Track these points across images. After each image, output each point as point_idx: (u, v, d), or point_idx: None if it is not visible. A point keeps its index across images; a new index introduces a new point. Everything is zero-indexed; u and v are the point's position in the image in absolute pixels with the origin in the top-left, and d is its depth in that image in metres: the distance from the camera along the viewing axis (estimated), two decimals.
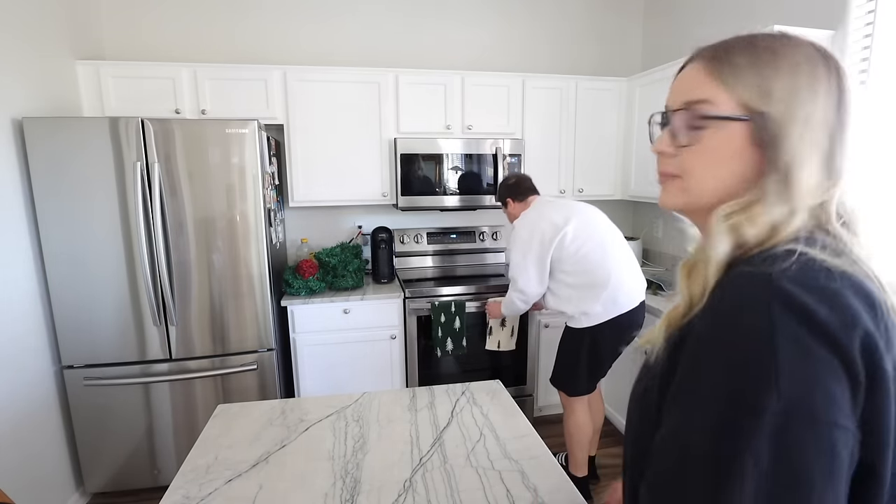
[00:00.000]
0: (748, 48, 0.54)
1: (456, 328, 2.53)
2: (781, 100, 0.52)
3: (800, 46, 0.53)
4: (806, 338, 0.42)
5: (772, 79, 0.52)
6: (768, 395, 0.41)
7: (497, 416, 1.25)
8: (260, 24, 2.75)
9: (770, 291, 0.44)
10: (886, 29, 1.82)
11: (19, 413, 1.87)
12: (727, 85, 0.54)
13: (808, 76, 0.52)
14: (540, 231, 2.00)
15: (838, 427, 0.41)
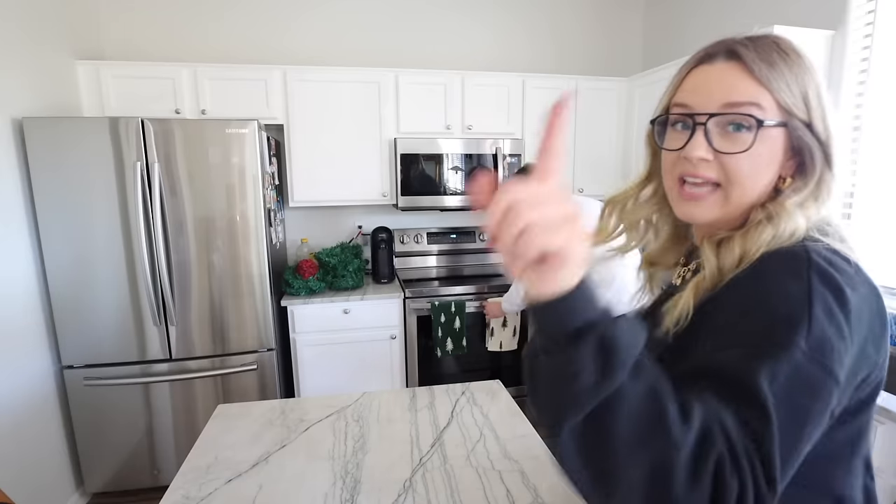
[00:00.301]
0: (775, 48, 0.55)
1: (456, 328, 2.53)
2: (817, 107, 0.55)
3: (796, 48, 0.57)
4: (835, 307, 0.49)
5: (808, 84, 0.55)
6: (800, 335, 0.47)
7: (497, 416, 1.25)
8: (260, 24, 2.75)
9: (809, 265, 0.51)
10: (886, 29, 1.82)
11: (19, 413, 1.87)
12: (771, 87, 0.54)
13: (822, 82, 0.56)
14: None
15: (835, 380, 0.48)
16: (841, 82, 1.94)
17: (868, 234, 1.94)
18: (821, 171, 0.56)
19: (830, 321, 0.49)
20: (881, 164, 1.88)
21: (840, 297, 0.50)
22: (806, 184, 0.56)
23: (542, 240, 0.38)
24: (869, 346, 0.52)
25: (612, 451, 0.41)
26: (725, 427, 0.43)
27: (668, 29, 2.98)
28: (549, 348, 0.42)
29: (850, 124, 1.95)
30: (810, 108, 0.55)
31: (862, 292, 0.52)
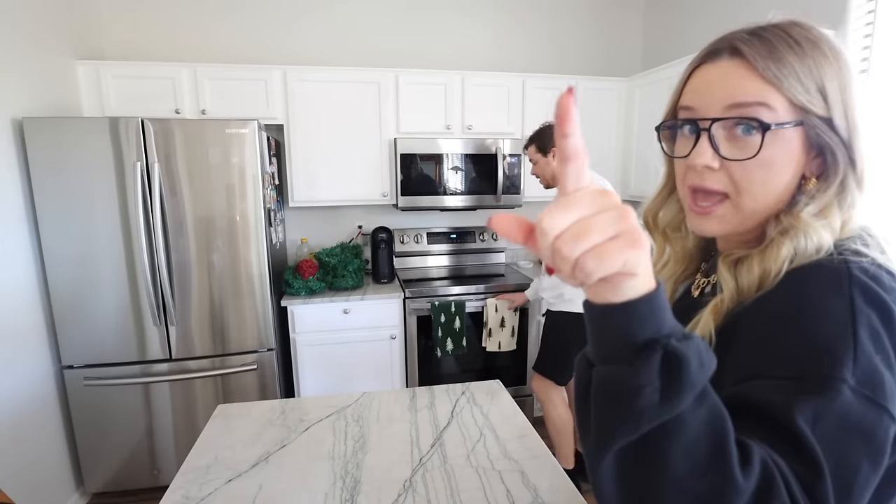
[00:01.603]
0: (784, 39, 0.51)
1: (456, 328, 2.53)
2: (838, 100, 0.50)
3: (826, 36, 0.51)
4: (882, 331, 0.44)
5: (826, 75, 0.50)
6: (845, 367, 0.42)
7: (497, 416, 1.25)
8: (260, 24, 2.75)
9: (850, 281, 0.46)
10: (886, 29, 1.82)
11: (19, 413, 1.87)
12: (780, 85, 0.49)
13: (849, 68, 0.50)
14: None
15: (891, 417, 0.42)
16: None
17: None
18: (844, 173, 0.51)
19: (878, 347, 0.43)
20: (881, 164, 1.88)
21: (888, 319, 0.44)
22: (827, 188, 0.51)
23: (599, 269, 0.33)
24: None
25: (660, 484, 0.36)
26: (785, 477, 0.39)
27: (668, 29, 2.98)
28: (610, 358, 0.37)
29: None
30: (829, 102, 0.49)
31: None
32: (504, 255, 3.17)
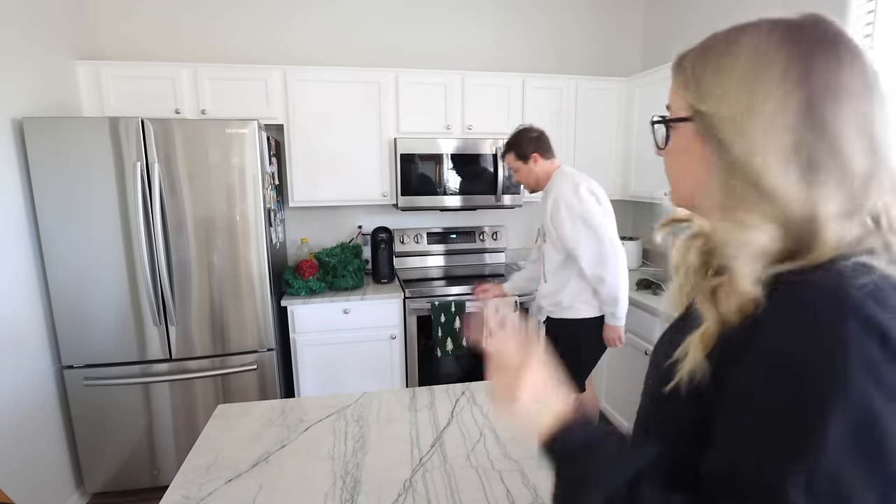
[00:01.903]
0: (701, 48, 0.53)
1: (456, 328, 2.53)
2: (712, 95, 0.49)
3: (754, 32, 0.49)
4: (880, 361, 0.39)
5: (710, 78, 0.50)
6: (833, 417, 0.39)
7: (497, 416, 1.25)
8: (260, 24, 2.75)
9: (847, 309, 0.40)
10: (886, 29, 1.82)
11: (19, 413, 1.87)
12: (679, 89, 0.54)
13: (767, 64, 0.47)
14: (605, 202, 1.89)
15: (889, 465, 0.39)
16: None
17: None
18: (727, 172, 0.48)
19: (876, 383, 0.38)
20: None
21: (887, 345, 0.39)
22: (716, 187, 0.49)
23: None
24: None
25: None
26: None
27: (668, 29, 2.98)
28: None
29: None
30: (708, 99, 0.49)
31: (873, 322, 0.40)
32: (504, 255, 3.17)
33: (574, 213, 1.81)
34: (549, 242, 1.96)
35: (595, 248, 1.81)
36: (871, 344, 0.39)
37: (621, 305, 1.85)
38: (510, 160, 2.01)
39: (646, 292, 2.45)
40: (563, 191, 1.84)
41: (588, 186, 1.87)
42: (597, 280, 1.83)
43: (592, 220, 1.80)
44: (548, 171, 1.95)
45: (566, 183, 1.86)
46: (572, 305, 1.93)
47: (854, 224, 0.45)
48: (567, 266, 1.92)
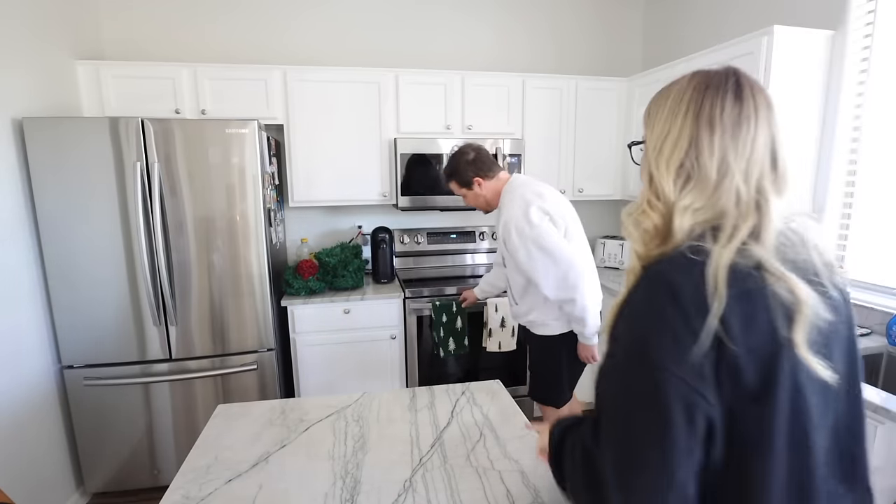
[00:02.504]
0: (657, 92, 0.71)
1: (458, 328, 2.53)
2: (652, 123, 0.69)
3: (681, 81, 0.68)
4: (660, 298, 0.59)
5: (655, 106, 0.70)
6: (621, 338, 0.63)
7: (497, 416, 1.25)
8: (260, 24, 2.76)
9: (657, 281, 0.61)
10: (886, 29, 1.82)
11: (19, 413, 1.87)
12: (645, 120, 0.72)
13: (674, 100, 0.67)
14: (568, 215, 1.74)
15: (675, 379, 0.55)
16: (841, 82, 1.95)
17: (868, 235, 1.94)
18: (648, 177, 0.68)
19: (658, 314, 0.58)
20: (881, 164, 1.88)
21: (668, 288, 0.58)
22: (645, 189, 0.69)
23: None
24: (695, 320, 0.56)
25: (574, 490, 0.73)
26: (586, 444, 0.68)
27: (668, 29, 2.98)
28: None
29: (850, 124, 1.96)
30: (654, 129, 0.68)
31: (695, 273, 0.57)
32: None
33: (526, 239, 1.65)
34: (510, 266, 1.82)
35: (554, 274, 1.65)
36: (666, 299, 0.58)
37: (589, 325, 1.71)
38: (454, 188, 1.89)
39: None
40: (514, 213, 1.69)
41: (540, 206, 1.69)
42: (561, 302, 1.71)
43: (547, 244, 1.64)
44: (495, 189, 1.83)
45: (515, 204, 1.70)
46: (546, 323, 1.82)
47: (701, 214, 0.63)
48: (532, 288, 1.78)
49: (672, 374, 0.55)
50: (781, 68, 1.91)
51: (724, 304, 0.55)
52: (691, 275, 0.57)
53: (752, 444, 0.57)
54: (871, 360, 1.74)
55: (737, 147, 0.63)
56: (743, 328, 0.56)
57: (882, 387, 1.70)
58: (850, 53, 1.91)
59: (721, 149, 0.63)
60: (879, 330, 1.80)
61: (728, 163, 0.63)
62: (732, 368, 0.55)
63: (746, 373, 0.56)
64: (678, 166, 0.64)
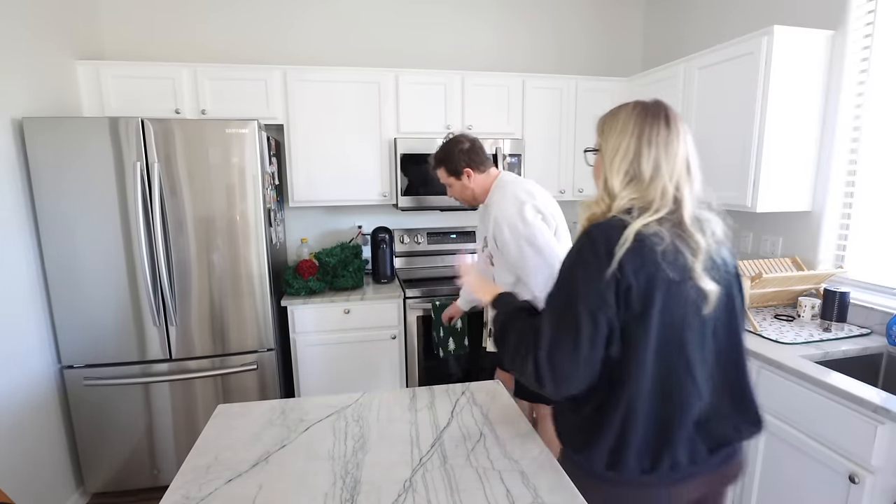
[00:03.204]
0: (608, 113, 0.99)
1: (458, 328, 2.53)
2: (606, 139, 0.97)
3: (627, 108, 0.96)
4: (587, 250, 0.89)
5: (608, 127, 0.97)
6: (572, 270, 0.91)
7: (497, 416, 1.25)
8: (260, 23, 2.76)
9: (583, 235, 0.91)
10: (886, 29, 1.82)
11: (19, 413, 1.87)
12: (597, 133, 1.01)
13: (622, 125, 0.94)
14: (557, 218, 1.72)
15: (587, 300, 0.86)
16: (841, 82, 1.95)
17: (868, 235, 1.94)
18: (602, 176, 0.97)
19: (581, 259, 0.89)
20: (882, 164, 1.88)
21: (590, 239, 0.89)
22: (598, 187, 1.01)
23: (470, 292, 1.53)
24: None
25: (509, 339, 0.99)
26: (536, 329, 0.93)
27: (669, 29, 2.98)
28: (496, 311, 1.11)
29: (850, 124, 1.96)
30: (608, 141, 0.96)
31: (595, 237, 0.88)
32: None
33: (519, 236, 1.63)
34: (499, 265, 1.78)
35: (545, 273, 1.62)
36: (586, 249, 0.88)
37: None
38: (441, 176, 1.83)
39: None
40: (507, 210, 1.66)
41: (534, 205, 1.67)
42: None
43: (539, 242, 1.62)
44: (484, 184, 1.79)
45: (508, 201, 1.67)
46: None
47: (635, 203, 0.91)
48: (520, 287, 1.74)
49: (583, 294, 0.86)
50: (781, 68, 1.91)
51: (622, 254, 0.84)
52: (607, 233, 0.87)
53: (635, 344, 0.87)
54: (871, 360, 1.74)
55: (666, 159, 0.91)
56: (633, 270, 0.85)
57: (882, 387, 1.70)
58: (850, 53, 1.91)
59: (655, 159, 0.91)
60: (879, 330, 1.80)
61: (659, 169, 0.91)
62: (625, 295, 0.86)
63: (633, 299, 0.86)
64: (625, 172, 0.93)
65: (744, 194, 2.04)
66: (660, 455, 0.90)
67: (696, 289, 0.87)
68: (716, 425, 0.94)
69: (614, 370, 0.89)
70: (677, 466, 0.91)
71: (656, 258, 0.85)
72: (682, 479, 0.93)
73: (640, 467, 0.90)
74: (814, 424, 1.48)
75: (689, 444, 0.91)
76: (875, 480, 1.33)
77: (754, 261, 2.06)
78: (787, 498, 1.59)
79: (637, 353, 0.87)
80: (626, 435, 0.89)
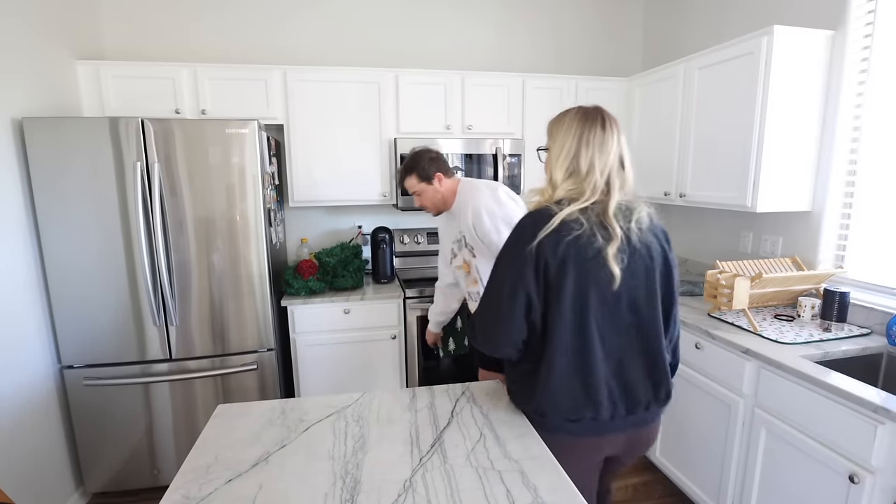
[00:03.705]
0: (555, 118, 1.19)
1: (458, 328, 2.53)
2: (553, 139, 1.16)
3: (570, 113, 1.16)
4: (518, 231, 1.10)
5: (554, 129, 1.16)
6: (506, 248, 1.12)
7: (497, 416, 1.25)
8: (260, 24, 2.76)
9: (520, 220, 1.12)
10: (886, 29, 1.82)
11: (19, 413, 1.87)
12: (547, 135, 1.19)
13: (566, 127, 1.13)
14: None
15: (512, 272, 1.08)
16: (841, 82, 1.95)
17: (868, 235, 1.94)
18: (549, 172, 1.15)
19: (512, 239, 1.11)
20: (882, 164, 1.88)
21: (521, 224, 1.11)
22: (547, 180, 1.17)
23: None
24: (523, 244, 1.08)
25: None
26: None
27: (669, 29, 2.98)
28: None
29: (850, 124, 1.96)
30: (549, 142, 1.17)
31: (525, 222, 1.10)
32: None
33: (496, 218, 1.68)
34: (481, 255, 1.79)
35: None
36: (517, 231, 1.10)
37: None
38: (412, 184, 1.88)
39: None
40: (482, 198, 1.72)
41: (506, 190, 1.77)
42: None
43: (514, 222, 1.68)
44: (452, 188, 1.85)
45: (481, 191, 1.75)
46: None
47: (572, 193, 1.09)
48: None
49: (509, 272, 1.08)
50: (781, 68, 1.91)
51: (542, 236, 1.04)
52: (535, 219, 1.07)
53: (553, 310, 1.07)
54: (871, 360, 1.74)
55: (600, 157, 1.09)
56: (550, 251, 1.04)
57: (882, 387, 1.71)
58: (850, 53, 1.91)
59: (590, 158, 1.09)
60: (879, 330, 1.80)
61: (593, 166, 1.09)
62: (543, 271, 1.05)
63: (551, 274, 1.05)
64: (566, 168, 1.11)
65: (744, 194, 2.04)
66: (582, 408, 1.10)
67: (607, 268, 1.04)
68: (634, 389, 1.12)
69: (541, 334, 1.10)
70: (598, 420, 1.10)
71: (571, 240, 1.03)
72: (601, 432, 1.12)
73: (567, 417, 1.11)
74: (814, 424, 1.48)
75: (610, 402, 1.10)
76: (875, 480, 1.33)
77: (754, 261, 2.06)
78: (787, 498, 1.59)
79: (554, 318, 1.06)
80: (550, 386, 1.09)
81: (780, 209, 2.05)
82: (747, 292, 1.92)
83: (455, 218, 1.87)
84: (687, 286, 2.41)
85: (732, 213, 2.48)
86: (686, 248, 2.88)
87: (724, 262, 2.03)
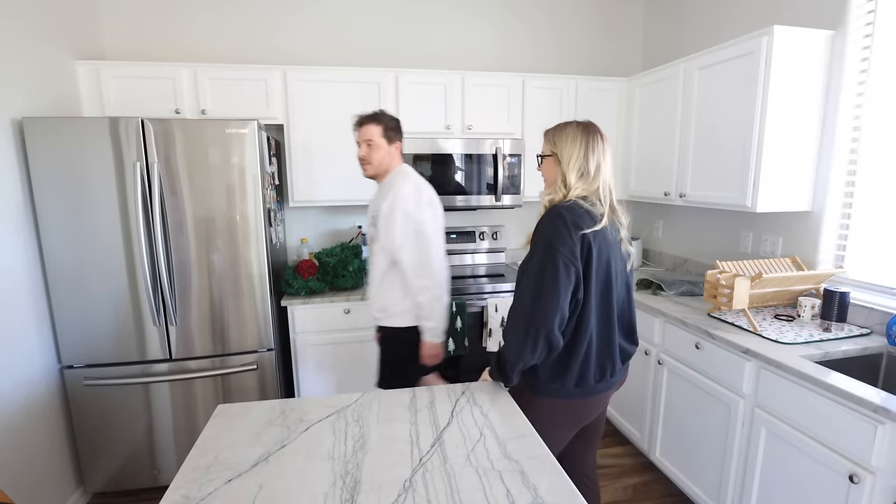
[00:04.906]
0: (555, 127, 1.36)
1: (458, 328, 2.53)
2: (561, 147, 1.33)
3: (572, 125, 1.34)
4: (559, 225, 1.24)
5: (560, 139, 1.33)
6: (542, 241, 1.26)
7: (497, 416, 1.25)
8: (260, 24, 2.76)
9: (555, 213, 1.25)
10: (886, 29, 1.82)
11: (19, 413, 1.87)
12: (547, 142, 1.37)
13: (572, 137, 1.31)
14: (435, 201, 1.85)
15: (563, 255, 1.21)
16: (841, 82, 1.95)
17: (868, 235, 1.94)
18: (564, 175, 1.32)
19: (556, 233, 1.23)
20: (882, 164, 1.88)
21: (560, 215, 1.24)
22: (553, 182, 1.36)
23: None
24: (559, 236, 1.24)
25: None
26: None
27: (669, 29, 2.98)
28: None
29: (850, 124, 1.96)
30: (558, 148, 1.34)
31: (563, 214, 1.24)
32: (504, 255, 3.17)
33: (409, 220, 1.74)
34: (376, 247, 1.84)
35: (421, 259, 1.76)
36: (559, 222, 1.24)
37: (437, 320, 1.80)
38: (373, 133, 1.83)
39: (646, 292, 2.45)
40: (405, 193, 1.76)
41: (429, 195, 1.83)
42: (417, 290, 1.77)
43: (425, 230, 1.76)
44: (394, 163, 1.90)
45: (410, 189, 1.78)
46: (397, 314, 1.85)
47: (583, 191, 1.30)
48: (391, 274, 1.83)
49: (561, 253, 1.21)
50: (781, 68, 1.91)
51: (583, 224, 1.23)
52: (572, 211, 1.24)
53: (587, 287, 1.25)
54: (871, 360, 1.74)
55: (603, 162, 1.31)
56: (591, 235, 1.23)
57: (882, 387, 1.71)
58: (850, 53, 1.91)
59: (596, 162, 1.30)
60: (879, 330, 1.80)
61: (599, 168, 1.31)
62: (585, 253, 1.23)
63: (586, 255, 1.24)
64: (578, 169, 1.30)
65: (744, 194, 2.04)
66: (605, 371, 1.35)
67: (621, 251, 1.33)
68: (623, 348, 1.40)
69: (579, 313, 1.27)
70: (605, 381, 1.37)
71: (600, 229, 1.25)
72: (604, 389, 1.38)
73: (591, 381, 1.33)
74: (814, 424, 1.48)
75: (612, 363, 1.35)
76: (875, 480, 1.33)
77: (754, 261, 2.06)
78: (786, 498, 1.59)
79: (589, 296, 1.26)
80: (588, 358, 1.31)
81: (780, 209, 2.05)
82: (747, 292, 1.92)
83: (378, 195, 1.89)
84: (687, 286, 2.41)
85: (732, 213, 2.48)
86: (686, 248, 2.88)
87: (724, 262, 2.03)
